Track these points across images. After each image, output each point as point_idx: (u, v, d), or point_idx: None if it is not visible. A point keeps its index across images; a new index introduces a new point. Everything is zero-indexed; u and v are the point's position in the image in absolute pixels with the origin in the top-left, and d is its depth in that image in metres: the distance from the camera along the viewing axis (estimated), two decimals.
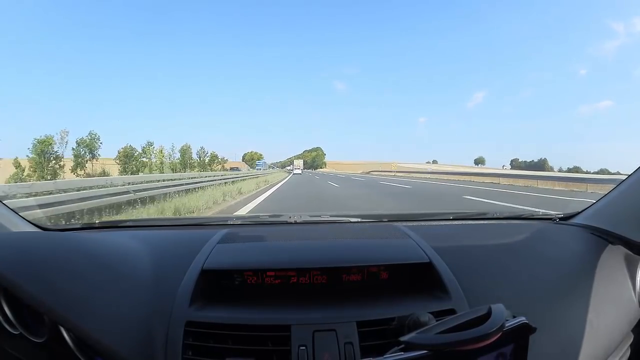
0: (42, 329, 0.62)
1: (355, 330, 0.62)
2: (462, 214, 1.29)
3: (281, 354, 0.60)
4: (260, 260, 0.77)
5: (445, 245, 0.85)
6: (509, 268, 0.81)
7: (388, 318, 0.63)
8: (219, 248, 0.80)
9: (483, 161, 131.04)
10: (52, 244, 0.68)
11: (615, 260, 0.84)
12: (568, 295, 0.74)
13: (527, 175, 17.91)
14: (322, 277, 0.74)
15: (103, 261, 0.70)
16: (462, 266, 0.77)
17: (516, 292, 0.74)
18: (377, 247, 0.87)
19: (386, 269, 0.77)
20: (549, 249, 0.89)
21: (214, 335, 0.62)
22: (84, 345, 0.61)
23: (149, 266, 0.74)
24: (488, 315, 0.46)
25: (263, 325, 0.63)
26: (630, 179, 0.89)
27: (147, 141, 21.29)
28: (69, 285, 0.59)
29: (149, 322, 0.63)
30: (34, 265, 0.58)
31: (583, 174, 28.91)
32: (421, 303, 0.69)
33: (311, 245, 0.88)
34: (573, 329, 0.70)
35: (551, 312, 0.70)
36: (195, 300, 0.67)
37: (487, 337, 0.43)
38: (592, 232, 0.93)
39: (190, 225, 1.18)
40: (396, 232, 0.94)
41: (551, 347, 0.66)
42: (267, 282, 0.74)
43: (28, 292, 0.54)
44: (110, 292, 0.63)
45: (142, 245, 0.82)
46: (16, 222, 0.87)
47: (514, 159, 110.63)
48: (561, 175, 20.60)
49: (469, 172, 26.99)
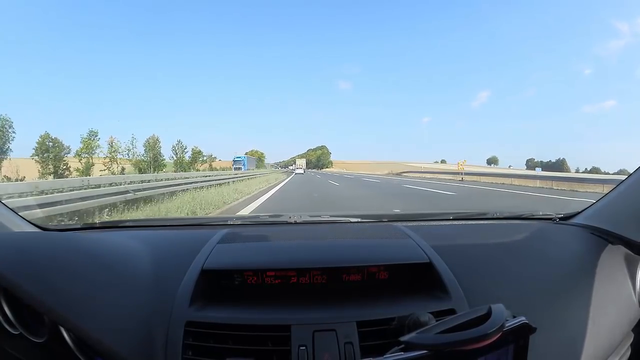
0: (42, 329, 0.62)
1: (355, 330, 0.62)
2: (462, 214, 1.29)
3: (281, 354, 0.60)
4: (260, 260, 0.77)
5: (445, 245, 0.85)
6: (509, 268, 0.81)
7: (388, 318, 0.63)
8: (219, 248, 0.80)
9: (496, 161, 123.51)
10: (52, 244, 0.68)
11: (615, 260, 0.84)
12: (568, 295, 0.74)
13: (545, 177, 17.03)
14: (322, 277, 0.74)
15: (103, 261, 0.70)
16: (462, 266, 0.77)
17: (516, 292, 0.74)
18: (377, 247, 0.87)
19: (386, 269, 0.77)
20: (549, 249, 0.89)
21: (214, 335, 0.62)
22: (84, 345, 0.61)
23: (149, 266, 0.74)
24: (488, 315, 0.46)
25: (263, 325, 0.63)
26: (630, 179, 0.89)
27: (89, 130, 15.30)
28: (69, 286, 0.59)
29: (149, 322, 0.63)
30: (34, 265, 0.58)
31: (602, 174, 27.66)
32: (421, 303, 0.69)
33: (311, 245, 0.88)
34: (573, 328, 0.70)
35: (551, 312, 0.70)
36: (195, 301, 0.67)
37: (487, 337, 0.43)
38: (592, 232, 0.93)
39: (190, 225, 1.18)
40: (396, 232, 0.94)
41: (551, 347, 0.66)
42: (267, 282, 0.74)
43: (28, 292, 0.54)
44: (110, 292, 0.63)
45: (142, 245, 0.82)
46: (16, 222, 0.87)
47: (529, 159, 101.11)
48: (581, 176, 19.49)
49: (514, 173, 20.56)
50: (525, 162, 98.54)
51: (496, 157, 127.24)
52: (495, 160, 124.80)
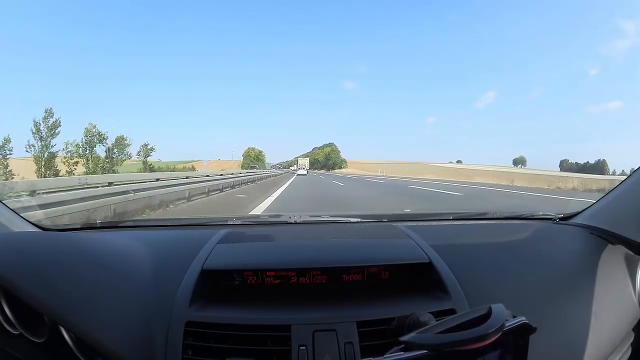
0: (42, 329, 0.62)
1: (355, 330, 0.62)
2: (462, 214, 1.29)
3: (281, 354, 0.60)
4: (260, 260, 0.77)
5: (445, 245, 0.85)
6: (509, 268, 0.81)
7: (388, 318, 0.64)
8: (219, 248, 0.80)
9: (524, 161, 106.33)
10: (52, 244, 0.68)
11: (615, 260, 0.84)
12: (568, 295, 0.74)
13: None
14: (322, 277, 0.74)
15: (103, 261, 0.70)
16: (462, 266, 0.77)
17: (516, 292, 0.74)
18: (377, 247, 0.87)
19: (386, 269, 0.77)
20: (549, 249, 0.89)
21: (214, 335, 0.62)
22: (84, 345, 0.61)
23: (149, 266, 0.74)
24: (488, 315, 0.46)
25: (263, 325, 0.63)
26: (630, 179, 0.89)
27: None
28: (69, 286, 0.59)
29: (149, 322, 0.63)
30: (34, 265, 0.58)
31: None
32: (421, 303, 0.69)
33: (311, 245, 0.88)
34: (573, 328, 0.70)
35: (551, 312, 0.70)
36: (196, 301, 0.67)
37: (487, 337, 0.43)
38: (592, 232, 0.94)
39: (191, 225, 1.18)
40: (396, 232, 0.94)
41: (551, 347, 0.66)
42: (267, 282, 0.74)
43: (28, 292, 0.54)
44: (111, 292, 0.63)
45: (142, 245, 0.82)
46: (16, 222, 0.87)
47: (563, 160, 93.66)
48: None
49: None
50: (560, 164, 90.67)
51: (524, 157, 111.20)
52: (522, 160, 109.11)
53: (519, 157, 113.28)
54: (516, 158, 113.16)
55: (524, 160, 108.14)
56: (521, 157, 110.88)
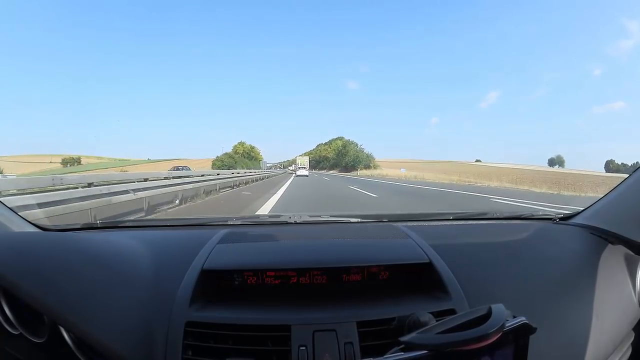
0: (42, 329, 0.62)
1: (355, 331, 0.62)
2: (462, 214, 1.29)
3: (281, 354, 0.60)
4: (260, 260, 0.77)
5: (445, 245, 0.85)
6: (509, 268, 0.81)
7: (388, 318, 0.63)
8: (219, 248, 0.80)
9: (562, 162, 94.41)
10: (52, 244, 0.68)
11: (615, 260, 0.84)
12: (568, 295, 0.74)
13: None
14: (322, 277, 0.74)
15: (103, 261, 0.70)
16: (462, 266, 0.77)
17: (516, 292, 0.74)
18: (377, 247, 0.87)
19: (386, 269, 0.77)
20: (549, 249, 0.89)
21: (214, 335, 0.62)
22: (83, 345, 0.61)
23: (149, 266, 0.74)
24: (488, 315, 0.46)
25: (263, 325, 0.63)
26: (630, 179, 0.89)
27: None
28: (69, 286, 0.59)
29: (149, 322, 0.63)
30: (34, 265, 0.58)
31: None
32: (421, 303, 0.69)
33: (311, 245, 0.88)
34: (573, 328, 0.70)
35: (551, 312, 0.70)
36: (196, 301, 0.67)
37: (487, 337, 0.43)
38: (592, 232, 0.94)
39: (190, 225, 1.18)
40: (396, 232, 0.94)
41: (551, 347, 0.66)
42: (267, 282, 0.74)
43: (28, 292, 0.54)
44: (110, 293, 0.63)
45: (142, 245, 0.82)
46: (16, 222, 0.87)
47: (609, 160, 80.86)
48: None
49: None
50: (605, 165, 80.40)
51: (562, 157, 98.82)
52: (560, 160, 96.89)
53: (556, 156, 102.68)
54: (552, 158, 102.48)
55: (561, 160, 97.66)
56: (559, 157, 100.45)
